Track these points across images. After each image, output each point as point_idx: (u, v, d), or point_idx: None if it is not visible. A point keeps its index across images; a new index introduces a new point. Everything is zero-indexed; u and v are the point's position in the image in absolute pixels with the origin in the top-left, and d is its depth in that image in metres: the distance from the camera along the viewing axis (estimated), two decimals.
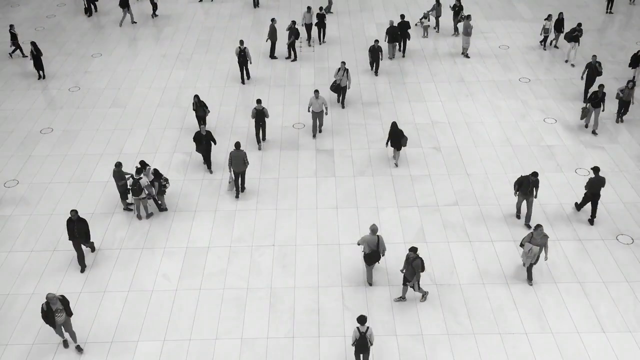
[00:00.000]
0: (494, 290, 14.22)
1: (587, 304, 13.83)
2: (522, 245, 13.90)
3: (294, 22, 23.68)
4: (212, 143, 17.89)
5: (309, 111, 19.09)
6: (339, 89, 20.85)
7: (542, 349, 12.86)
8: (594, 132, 19.58)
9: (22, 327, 13.51)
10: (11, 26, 24.37)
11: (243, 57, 22.36)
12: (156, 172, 16.35)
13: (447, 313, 13.68)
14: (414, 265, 13.09)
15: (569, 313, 13.63)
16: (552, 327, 13.30)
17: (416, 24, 27.00)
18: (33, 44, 22.56)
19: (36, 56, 22.77)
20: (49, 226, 16.29)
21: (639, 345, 12.88)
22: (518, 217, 16.26)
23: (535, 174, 15.34)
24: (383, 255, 14.09)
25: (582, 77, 21.14)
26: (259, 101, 18.58)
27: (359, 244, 13.99)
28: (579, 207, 16.48)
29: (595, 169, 15.72)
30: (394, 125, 17.78)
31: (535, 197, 15.77)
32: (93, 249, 15.38)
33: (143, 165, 16.42)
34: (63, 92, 22.55)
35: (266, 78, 23.27)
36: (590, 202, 16.29)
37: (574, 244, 15.46)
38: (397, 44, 24.58)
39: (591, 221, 16.08)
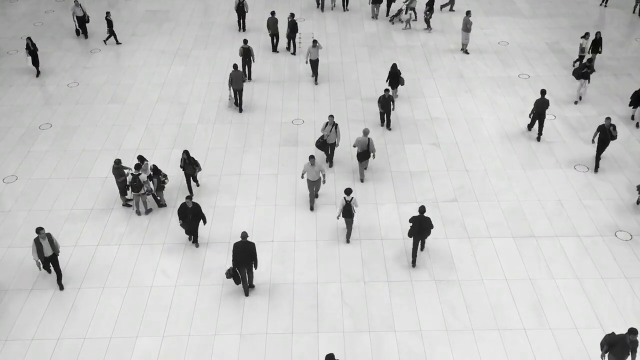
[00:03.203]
0: (493, 286, 14.24)
1: (585, 300, 13.86)
2: None
3: (292, 15, 23.80)
4: (201, 220, 14.88)
5: (302, 178, 16.22)
6: (325, 145, 17.67)
7: (541, 345, 12.89)
8: None
9: (21, 322, 13.51)
10: (107, 13, 24.79)
11: (241, 8, 25.39)
12: (155, 169, 16.33)
13: (446, 309, 13.70)
14: None
15: (567, 309, 13.66)
16: (551, 323, 13.33)
17: (391, 22, 27.04)
18: (29, 39, 22.44)
19: (33, 51, 22.68)
20: (48, 222, 16.28)
21: None
22: None
23: (634, 332, 11.12)
24: (374, 157, 17.22)
25: (592, 141, 17.69)
26: (245, 41, 21.61)
27: (354, 146, 17.09)
28: (529, 126, 19.30)
29: (542, 92, 18.39)
30: (393, 66, 20.55)
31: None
32: None
33: (141, 159, 16.43)
34: (62, 88, 22.52)
35: (266, 74, 23.24)
36: (537, 122, 18.76)
37: (573, 240, 15.48)
38: (379, 5, 27.13)
39: (538, 138, 18.93)
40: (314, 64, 22.07)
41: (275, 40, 24.58)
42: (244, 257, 13.38)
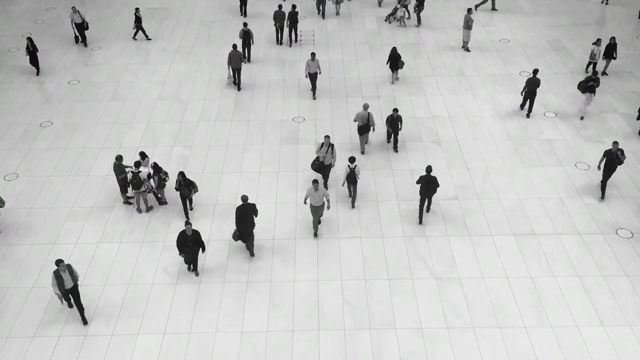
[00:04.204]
0: (494, 284, 14.24)
1: (586, 298, 13.86)
2: None
3: (294, 6, 24.27)
4: (200, 249, 14.19)
5: (305, 203, 15.49)
6: (322, 167, 16.84)
7: (541, 342, 12.89)
8: None
9: (22, 320, 13.54)
10: (137, 9, 24.97)
11: None
12: (156, 166, 16.33)
13: (447, 307, 13.71)
14: None
15: (568, 307, 13.66)
16: (552, 321, 13.33)
17: (387, 20, 27.12)
18: (29, 39, 22.40)
19: (32, 52, 22.62)
20: (49, 219, 16.30)
21: (637, 339, 12.92)
22: None
23: None
24: (373, 130, 18.01)
25: (599, 167, 16.64)
26: (245, 24, 22.62)
27: (355, 121, 17.76)
28: (522, 105, 20.21)
29: (534, 71, 19.13)
30: (393, 50, 21.24)
31: None
32: None
33: (143, 156, 16.44)
34: (62, 86, 22.52)
35: (267, 70, 23.23)
36: (528, 100, 19.63)
37: (574, 238, 15.47)
38: None
39: (528, 115, 19.94)
40: (313, 77, 21.03)
41: (280, 33, 25.05)
42: (243, 220, 14.21)
